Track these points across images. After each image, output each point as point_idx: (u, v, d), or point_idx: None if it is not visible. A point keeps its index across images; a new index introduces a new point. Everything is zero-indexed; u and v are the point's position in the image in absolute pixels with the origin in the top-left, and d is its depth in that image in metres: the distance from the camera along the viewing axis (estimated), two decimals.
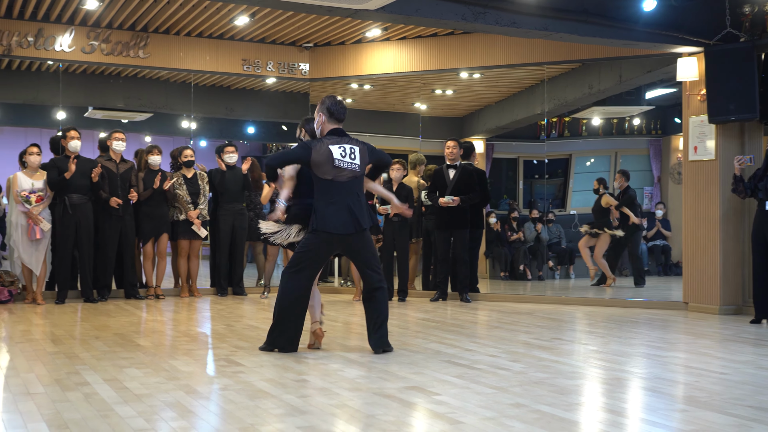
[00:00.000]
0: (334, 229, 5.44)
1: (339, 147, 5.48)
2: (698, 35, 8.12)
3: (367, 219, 5.55)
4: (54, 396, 4.15)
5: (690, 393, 4.39)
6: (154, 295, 9.34)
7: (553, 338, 6.42)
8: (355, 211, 5.47)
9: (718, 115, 8.10)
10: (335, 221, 5.43)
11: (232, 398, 4.14)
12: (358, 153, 5.55)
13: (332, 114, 5.62)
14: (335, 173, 5.44)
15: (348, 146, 5.52)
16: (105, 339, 6.16)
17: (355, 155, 5.53)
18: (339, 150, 5.47)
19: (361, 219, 5.49)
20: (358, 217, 5.47)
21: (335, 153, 5.45)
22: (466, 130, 13.09)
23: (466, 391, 4.35)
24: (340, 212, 5.44)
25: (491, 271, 12.71)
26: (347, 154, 5.49)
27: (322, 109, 5.63)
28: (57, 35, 9.49)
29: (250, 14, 9.36)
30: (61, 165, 8.70)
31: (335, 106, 5.62)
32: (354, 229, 5.47)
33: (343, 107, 5.66)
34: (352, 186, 5.52)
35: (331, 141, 5.51)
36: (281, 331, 5.61)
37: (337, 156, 5.44)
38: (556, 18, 7.75)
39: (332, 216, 5.43)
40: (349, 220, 5.46)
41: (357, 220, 5.47)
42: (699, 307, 8.38)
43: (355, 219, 5.46)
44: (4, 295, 8.68)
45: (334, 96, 5.72)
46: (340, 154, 5.46)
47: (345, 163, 5.46)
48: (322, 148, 5.46)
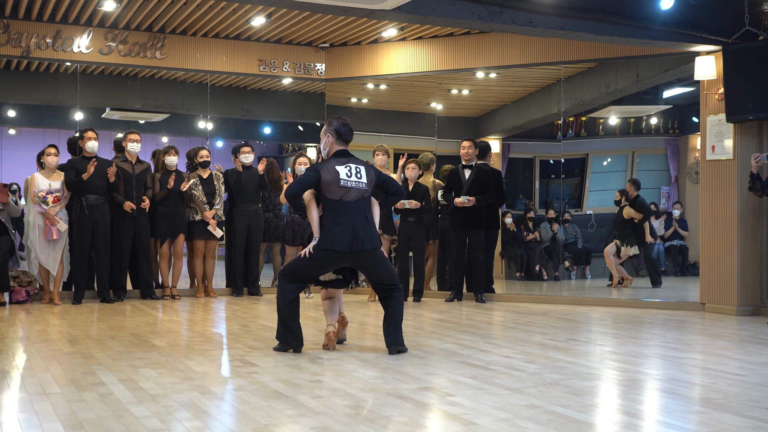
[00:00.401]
0: (340, 247, 5.52)
1: (345, 167, 5.61)
2: (716, 34, 8.05)
3: (372, 240, 5.61)
4: (70, 396, 4.17)
5: (706, 395, 4.36)
6: (170, 295, 9.38)
7: (569, 339, 6.39)
8: (360, 232, 5.55)
9: (736, 114, 8.04)
10: (341, 239, 5.52)
11: (247, 399, 4.15)
12: (364, 172, 5.66)
13: (340, 136, 5.74)
14: (342, 193, 5.56)
15: (354, 166, 5.64)
16: (121, 339, 6.19)
17: (361, 174, 5.64)
18: (345, 170, 5.59)
19: (365, 239, 5.56)
20: (363, 238, 5.55)
21: (341, 173, 5.57)
22: (482, 130, 13.05)
23: (480, 392, 4.34)
24: (346, 231, 5.53)
25: (507, 271, 12.67)
26: (353, 173, 5.61)
27: (330, 131, 5.75)
28: (75, 37, 9.56)
29: (267, 15, 9.38)
30: (78, 166, 8.75)
31: (343, 128, 5.75)
32: (358, 248, 5.54)
33: (351, 130, 5.79)
34: (359, 205, 5.62)
35: (337, 162, 5.64)
36: (286, 333, 5.70)
37: (343, 176, 5.56)
38: (572, 17, 7.72)
39: (339, 234, 5.52)
40: (354, 239, 5.53)
41: (362, 240, 5.55)
42: (716, 308, 8.33)
43: (360, 239, 5.54)
44: (22, 295, 8.74)
45: (342, 118, 5.83)
46: (346, 174, 5.58)
47: (351, 182, 5.58)
48: (329, 168, 5.58)
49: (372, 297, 9.43)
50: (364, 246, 5.55)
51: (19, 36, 9.29)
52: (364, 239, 5.56)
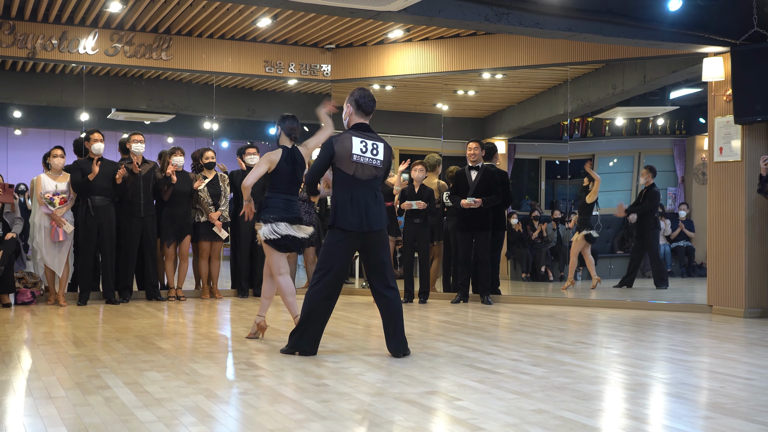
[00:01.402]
0: (350, 226, 5.38)
1: (361, 141, 5.40)
2: (724, 35, 8.01)
3: (380, 220, 5.47)
4: (75, 400, 4.15)
5: (715, 399, 4.32)
6: (175, 296, 9.37)
7: (576, 341, 6.36)
8: (372, 211, 5.41)
9: (744, 116, 8.00)
10: (351, 219, 5.38)
11: (252, 403, 4.13)
12: (382, 149, 5.47)
13: (360, 106, 5.53)
14: (355, 168, 5.39)
15: (371, 142, 5.43)
16: (126, 341, 6.18)
17: (378, 151, 5.44)
18: (360, 144, 5.39)
19: (373, 220, 5.42)
20: (374, 217, 5.42)
21: (355, 147, 5.37)
22: (488, 131, 13.04)
23: (487, 396, 4.31)
24: (357, 210, 5.38)
25: (512, 272, 12.64)
26: (369, 149, 5.40)
27: (351, 101, 5.55)
28: (81, 38, 9.55)
29: (273, 16, 9.37)
30: (84, 167, 8.75)
31: (364, 98, 5.52)
32: (368, 228, 5.40)
33: (372, 101, 5.55)
34: (373, 185, 5.46)
35: (355, 134, 5.44)
36: (303, 332, 5.56)
37: (356, 151, 5.37)
38: (579, 18, 7.69)
39: (349, 213, 5.38)
40: (365, 218, 5.39)
41: (372, 220, 5.41)
42: (723, 310, 8.29)
43: (370, 219, 5.40)
44: (27, 296, 8.74)
45: (365, 89, 5.62)
46: (360, 149, 5.38)
47: (365, 158, 5.39)
48: (344, 141, 5.41)
49: None
50: (372, 227, 5.41)
51: (25, 37, 9.29)
52: (372, 220, 5.41)
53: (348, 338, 6.45)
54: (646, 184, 10.90)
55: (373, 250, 5.52)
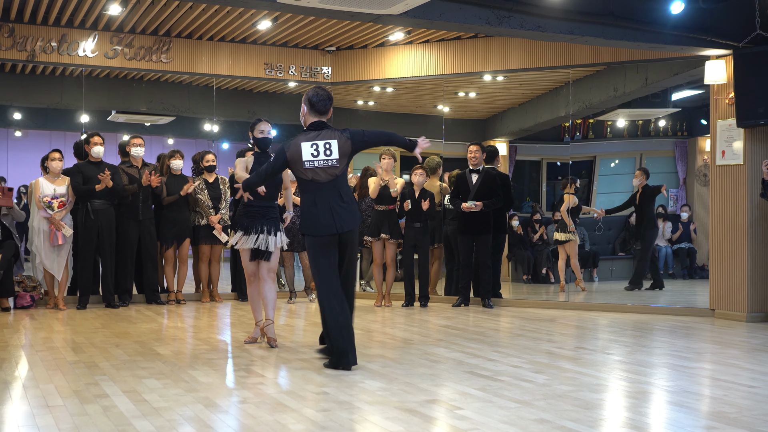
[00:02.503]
0: (320, 230, 5.33)
1: (312, 144, 5.30)
2: (727, 37, 7.97)
3: (349, 221, 5.36)
4: (72, 409, 4.12)
5: (718, 408, 4.29)
6: (175, 300, 9.33)
7: (577, 347, 6.32)
8: (337, 212, 5.31)
9: (746, 119, 7.96)
10: (320, 223, 5.32)
11: (252, 412, 4.10)
12: (336, 146, 5.31)
13: (313, 105, 5.43)
14: (312, 174, 5.32)
15: (322, 142, 5.30)
16: (125, 347, 6.14)
17: (332, 150, 5.30)
18: (311, 149, 5.29)
19: (343, 221, 5.33)
20: (341, 219, 5.32)
21: (305, 154, 5.29)
22: (489, 133, 13.00)
23: (488, 405, 4.28)
24: (323, 213, 5.31)
25: (514, 274, 12.61)
26: (321, 151, 5.29)
27: (305, 101, 5.47)
28: (80, 40, 9.52)
29: (273, 18, 9.33)
30: (84, 171, 8.71)
31: (316, 97, 5.42)
32: (336, 230, 5.31)
33: (325, 99, 5.43)
34: (334, 185, 5.34)
35: (306, 137, 5.35)
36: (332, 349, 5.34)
37: (307, 157, 5.30)
38: (581, 21, 7.65)
39: (316, 218, 5.32)
40: (331, 221, 5.30)
41: (342, 220, 5.32)
42: (726, 314, 8.25)
43: (338, 221, 5.31)
44: (27, 300, 8.71)
45: (320, 87, 5.53)
46: (311, 154, 5.29)
47: (319, 161, 5.29)
48: (293, 149, 5.35)
49: (378, 302, 9.38)
50: (344, 227, 5.32)
51: (24, 40, 9.26)
52: (344, 220, 5.32)
53: None
54: (640, 185, 10.88)
55: (340, 248, 5.42)
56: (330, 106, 5.48)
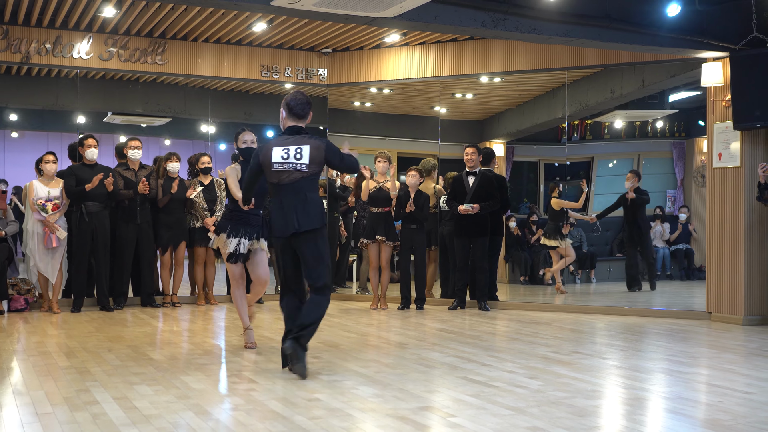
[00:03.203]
0: (278, 232, 5.42)
1: (283, 149, 5.36)
2: (723, 40, 7.94)
3: (309, 221, 5.36)
4: (62, 417, 4.08)
5: (713, 415, 4.26)
6: (170, 302, 9.30)
7: (573, 351, 6.29)
8: (298, 212, 5.34)
9: (743, 122, 7.93)
10: (279, 224, 5.40)
11: (243, 420, 4.06)
12: (307, 152, 5.35)
13: (291, 109, 5.47)
14: (279, 176, 5.38)
15: (294, 147, 5.36)
16: (118, 352, 6.11)
17: (302, 154, 5.35)
18: (282, 152, 5.35)
19: (301, 220, 5.34)
20: (299, 219, 5.33)
21: (275, 157, 5.36)
22: (486, 134, 12.95)
23: (482, 412, 4.24)
24: (285, 215, 5.37)
25: (511, 275, 12.57)
26: (291, 155, 5.34)
27: (284, 105, 5.53)
28: (75, 42, 9.47)
29: (268, 20, 9.29)
30: (78, 173, 8.68)
31: (294, 101, 5.47)
32: (294, 229, 5.34)
33: (303, 103, 5.48)
34: (299, 186, 5.37)
35: (279, 141, 5.43)
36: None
37: (276, 160, 5.35)
38: (577, 24, 7.61)
39: (278, 219, 5.40)
40: (291, 221, 5.34)
41: (297, 221, 5.33)
42: (722, 317, 8.22)
43: (296, 220, 5.33)
44: (21, 303, 8.67)
45: (299, 92, 5.58)
46: (282, 157, 5.34)
47: (287, 165, 5.34)
48: (267, 151, 5.42)
49: (374, 305, 9.34)
50: (299, 227, 5.34)
51: (18, 42, 9.21)
52: (300, 220, 5.34)
53: (343, 348, 6.38)
54: (631, 188, 10.85)
55: (300, 249, 5.43)
56: (308, 111, 5.51)
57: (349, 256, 11.37)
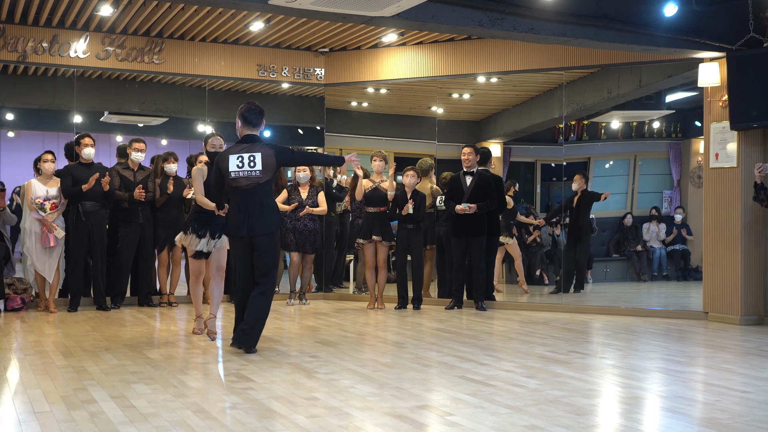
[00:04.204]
0: (233, 232, 5.87)
1: (237, 157, 5.77)
2: (720, 40, 7.96)
3: (265, 225, 5.83)
4: (59, 416, 4.08)
5: (710, 414, 4.26)
6: (167, 302, 9.28)
7: (570, 351, 6.29)
8: (252, 216, 5.78)
9: (740, 122, 7.95)
10: (235, 225, 5.83)
11: (241, 418, 4.06)
12: (260, 159, 5.77)
13: (245, 119, 5.92)
14: (236, 183, 5.80)
15: (247, 155, 5.75)
16: (115, 351, 6.10)
17: (256, 162, 5.76)
18: (236, 161, 5.76)
19: (255, 224, 5.79)
20: (253, 223, 5.79)
21: (231, 165, 5.77)
22: (483, 134, 12.95)
23: (480, 411, 4.25)
24: (240, 216, 5.81)
25: (507, 275, 12.57)
26: (246, 163, 5.75)
27: (239, 115, 5.94)
28: (72, 41, 9.46)
29: (265, 20, 9.29)
30: (75, 173, 8.67)
31: (248, 112, 5.91)
32: (247, 232, 5.79)
33: (257, 113, 5.92)
34: (255, 192, 5.81)
35: (235, 150, 5.82)
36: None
37: (232, 168, 5.77)
38: (574, 24, 7.62)
39: (234, 220, 5.84)
40: (244, 224, 5.79)
41: (254, 225, 5.79)
42: (719, 317, 8.23)
43: (250, 224, 5.79)
44: (17, 302, 8.66)
45: (252, 102, 5.99)
46: (237, 165, 5.76)
47: (243, 172, 5.76)
48: (224, 159, 5.83)
49: (371, 305, 9.34)
50: (255, 230, 5.78)
51: (15, 40, 9.19)
52: (257, 224, 5.78)
53: (340, 347, 6.38)
54: (579, 189, 10.83)
55: (257, 252, 5.89)
56: (261, 120, 5.98)
57: (346, 257, 11.37)
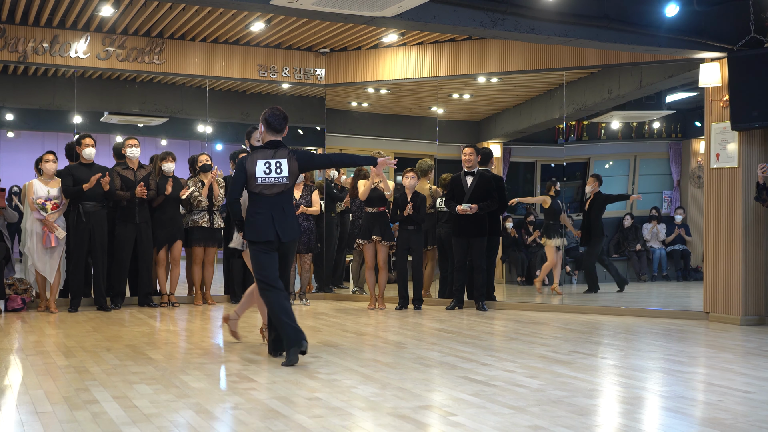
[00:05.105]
0: (260, 236, 5.73)
1: (265, 163, 5.72)
2: (721, 40, 7.96)
3: (292, 231, 5.81)
4: (61, 416, 4.07)
5: (713, 414, 4.26)
6: (168, 302, 9.28)
7: (571, 351, 6.29)
8: (277, 223, 5.73)
9: (741, 122, 7.95)
10: (261, 229, 5.72)
11: (243, 419, 4.06)
12: (286, 165, 5.73)
13: (269, 125, 5.81)
14: (261, 188, 5.73)
15: (274, 161, 5.72)
16: (116, 351, 6.10)
17: (282, 168, 5.73)
18: (264, 167, 5.71)
19: (280, 231, 5.74)
20: (278, 230, 5.73)
21: (258, 171, 5.70)
22: (484, 134, 12.95)
23: (482, 411, 4.24)
24: (264, 221, 5.72)
25: (507, 275, 12.57)
26: (272, 169, 5.72)
27: (262, 120, 5.84)
28: (72, 42, 9.46)
29: (266, 20, 9.29)
30: (75, 173, 8.67)
31: (272, 117, 5.81)
32: (274, 237, 5.72)
33: (281, 118, 5.82)
34: (278, 200, 5.77)
35: (261, 155, 5.76)
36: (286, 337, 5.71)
37: (260, 174, 5.71)
38: (576, 24, 7.62)
39: (258, 225, 5.73)
40: (271, 227, 5.72)
41: (283, 230, 5.74)
42: (720, 317, 8.23)
43: (278, 229, 5.73)
44: (18, 303, 8.65)
45: (275, 108, 5.89)
46: (264, 172, 5.71)
47: (270, 179, 5.71)
48: (252, 162, 5.74)
49: (372, 305, 9.34)
50: (285, 237, 5.75)
51: (16, 41, 9.19)
52: (285, 230, 5.75)
53: (341, 347, 6.38)
54: (592, 192, 10.86)
55: (284, 260, 5.88)
56: (285, 125, 5.87)
57: (346, 257, 11.37)
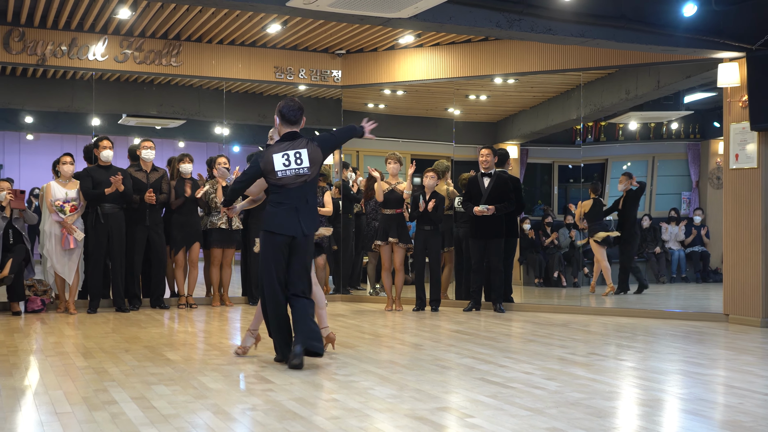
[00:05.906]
0: (279, 229, 5.55)
1: (283, 155, 5.55)
2: (740, 40, 7.90)
3: (311, 225, 5.65)
4: (80, 416, 4.09)
5: (733, 417, 4.23)
6: (186, 304, 9.31)
7: (590, 353, 6.26)
8: (301, 216, 5.57)
9: (760, 122, 7.88)
10: (281, 222, 5.55)
11: (261, 420, 4.06)
12: (306, 155, 5.57)
13: (284, 117, 5.67)
14: (283, 182, 5.56)
15: (293, 152, 5.55)
16: (135, 352, 6.12)
17: (302, 159, 5.56)
18: (282, 159, 5.54)
19: (304, 224, 5.58)
20: (302, 222, 5.57)
21: (277, 164, 5.53)
22: (500, 136, 12.93)
23: (500, 413, 4.23)
24: (288, 214, 5.55)
25: (525, 277, 12.54)
26: (293, 160, 5.55)
27: (277, 112, 5.71)
28: (90, 44, 9.51)
29: (282, 22, 9.31)
30: (94, 175, 8.72)
31: (287, 108, 5.66)
32: (296, 233, 5.55)
33: (296, 110, 5.67)
34: (301, 190, 5.59)
35: (278, 148, 5.59)
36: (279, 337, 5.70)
37: (279, 168, 5.54)
38: (592, 24, 7.59)
39: (279, 217, 5.55)
40: (295, 222, 5.55)
41: (301, 224, 5.56)
42: (740, 319, 8.17)
43: (299, 223, 5.56)
44: (37, 304, 8.71)
45: (290, 99, 5.77)
46: (284, 164, 5.54)
47: (291, 171, 5.54)
48: (267, 159, 5.57)
49: (389, 306, 9.33)
50: (304, 231, 5.58)
51: (34, 44, 9.26)
52: (304, 223, 5.58)
53: (358, 348, 6.38)
54: (624, 189, 10.83)
55: (300, 253, 5.63)
56: (301, 116, 5.71)
57: (363, 258, 11.37)
